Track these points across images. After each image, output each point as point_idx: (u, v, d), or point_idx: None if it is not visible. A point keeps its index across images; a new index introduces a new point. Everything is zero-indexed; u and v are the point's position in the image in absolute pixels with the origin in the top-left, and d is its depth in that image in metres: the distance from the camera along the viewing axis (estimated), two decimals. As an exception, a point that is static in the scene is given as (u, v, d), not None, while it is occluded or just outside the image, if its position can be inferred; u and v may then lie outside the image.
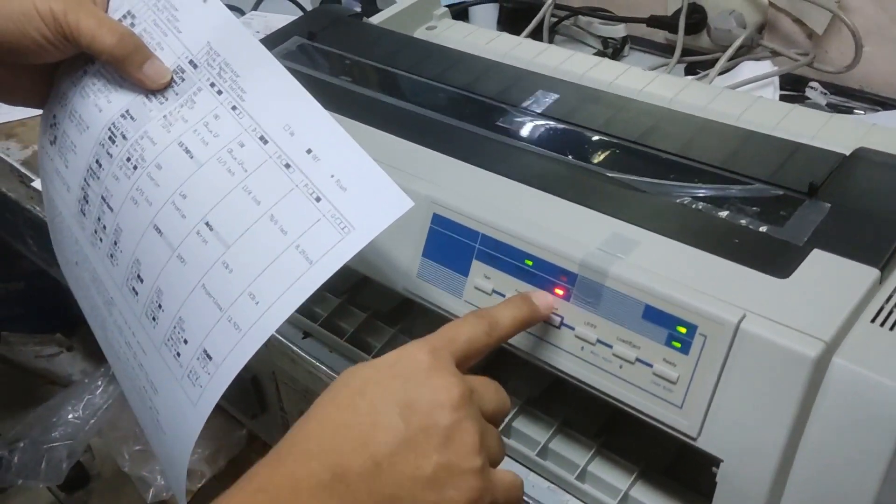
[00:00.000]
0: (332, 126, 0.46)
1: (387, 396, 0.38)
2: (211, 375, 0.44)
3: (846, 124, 0.63)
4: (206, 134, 0.47)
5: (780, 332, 0.41)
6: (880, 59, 0.88)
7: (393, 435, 0.37)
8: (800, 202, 0.50)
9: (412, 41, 0.77)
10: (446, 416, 0.38)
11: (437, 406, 0.38)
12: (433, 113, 0.64)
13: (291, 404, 0.74)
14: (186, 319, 0.46)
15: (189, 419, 0.46)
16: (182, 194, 0.47)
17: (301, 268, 0.43)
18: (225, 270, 0.45)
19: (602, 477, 0.51)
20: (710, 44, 0.96)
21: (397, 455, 0.37)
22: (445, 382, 0.39)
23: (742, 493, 0.42)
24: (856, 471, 0.40)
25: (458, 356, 0.41)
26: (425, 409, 0.38)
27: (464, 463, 0.38)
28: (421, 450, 0.37)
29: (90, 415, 1.28)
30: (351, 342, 0.62)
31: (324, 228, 0.43)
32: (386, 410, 0.38)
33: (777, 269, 0.45)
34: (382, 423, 0.37)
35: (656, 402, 0.44)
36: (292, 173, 0.45)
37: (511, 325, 0.45)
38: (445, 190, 0.53)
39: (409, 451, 0.37)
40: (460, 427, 0.38)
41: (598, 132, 0.60)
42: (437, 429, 0.37)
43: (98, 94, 0.51)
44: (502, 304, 0.46)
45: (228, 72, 0.48)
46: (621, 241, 0.48)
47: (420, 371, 0.39)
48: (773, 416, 0.41)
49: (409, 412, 0.38)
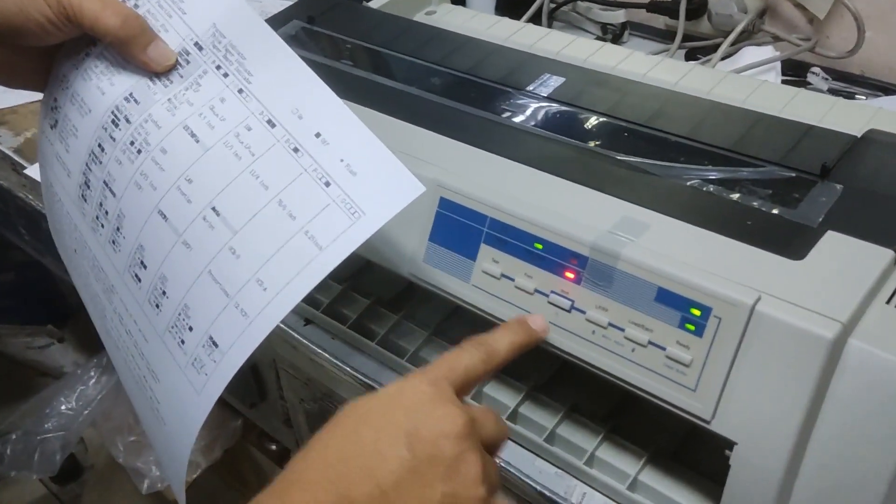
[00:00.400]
0: (342, 110, 0.45)
1: (391, 426, 0.38)
2: (217, 363, 0.43)
3: (852, 108, 0.63)
4: (213, 117, 0.46)
5: (796, 314, 0.40)
6: (882, 44, 0.87)
7: (399, 464, 0.37)
8: (812, 184, 0.50)
9: (414, 25, 0.77)
10: (451, 447, 0.38)
11: (441, 436, 0.38)
12: (438, 97, 0.64)
13: (292, 392, 0.74)
14: (192, 306, 0.45)
15: (193, 408, 0.45)
16: (188, 179, 0.46)
17: (310, 253, 0.42)
18: (232, 256, 0.44)
19: (611, 462, 0.51)
20: (711, 29, 0.95)
21: (403, 484, 0.37)
22: (449, 413, 0.39)
23: (756, 476, 0.42)
24: (871, 452, 0.40)
25: (457, 385, 0.42)
26: (430, 438, 0.38)
27: (468, 492, 0.38)
28: (427, 479, 0.37)
29: (83, 406, 1.27)
30: (354, 329, 0.61)
31: (333, 214, 0.43)
32: (391, 440, 0.38)
33: (791, 250, 0.44)
34: (388, 453, 0.37)
35: (669, 385, 0.44)
36: (301, 157, 0.44)
37: (508, 352, 0.45)
38: (452, 173, 0.53)
39: (414, 480, 0.37)
40: (464, 457, 0.38)
41: (606, 115, 0.59)
42: (443, 459, 0.38)
43: (101, 76, 0.50)
44: (499, 330, 0.46)
45: (235, 54, 0.47)
46: (632, 224, 0.47)
47: (423, 402, 0.39)
48: (789, 398, 0.40)
49: (414, 442, 0.38)
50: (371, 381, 0.59)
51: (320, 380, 0.65)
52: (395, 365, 0.59)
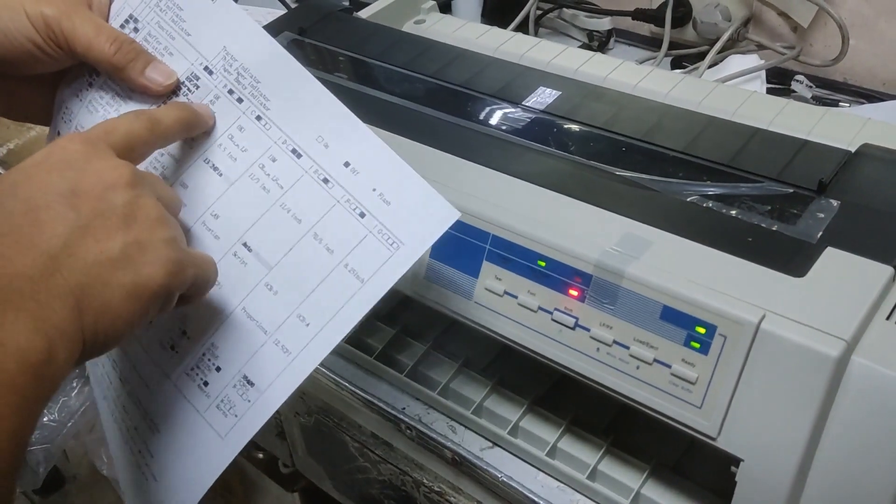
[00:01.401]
0: (368, 136, 0.44)
1: (45, 190, 0.35)
2: (252, 402, 0.42)
3: (841, 119, 0.64)
4: (233, 148, 0.45)
5: (800, 332, 0.41)
6: (865, 52, 0.89)
7: (64, 226, 0.35)
8: (810, 199, 0.50)
9: (406, 37, 0.76)
10: (121, 195, 0.36)
11: (107, 188, 0.36)
12: (434, 111, 0.64)
13: (286, 405, 0.73)
14: (220, 345, 0.43)
15: (211, 455, 0.43)
16: (214, 214, 0.44)
17: (353, 287, 0.41)
18: (269, 292, 0.43)
19: (613, 476, 0.51)
20: (696, 37, 0.96)
21: (74, 244, 0.34)
22: (110, 164, 0.37)
23: (762, 493, 0.42)
24: (876, 467, 0.40)
25: (117, 148, 0.39)
26: (96, 193, 0.36)
27: (153, 236, 0.37)
28: (101, 233, 0.35)
29: (66, 417, 1.25)
30: (351, 343, 0.61)
31: (372, 245, 0.42)
32: (48, 204, 0.35)
33: (793, 267, 0.45)
34: (48, 218, 0.34)
35: (675, 402, 0.44)
36: (332, 188, 0.43)
37: (175, 124, 0.43)
38: (452, 190, 0.52)
39: (86, 237, 0.35)
40: (139, 203, 0.37)
41: (603, 129, 0.60)
42: (115, 209, 0.36)
43: (107, 107, 0.48)
44: (164, 106, 0.44)
45: (248, 77, 0.45)
46: (635, 241, 0.48)
47: (78, 160, 0.37)
48: (795, 415, 0.41)
49: (76, 200, 0.35)
50: (369, 395, 0.59)
51: (316, 394, 0.65)
52: (394, 380, 0.59)
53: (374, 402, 0.58)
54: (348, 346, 0.60)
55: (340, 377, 0.60)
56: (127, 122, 0.40)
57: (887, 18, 0.87)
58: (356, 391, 0.59)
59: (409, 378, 0.58)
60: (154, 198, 0.38)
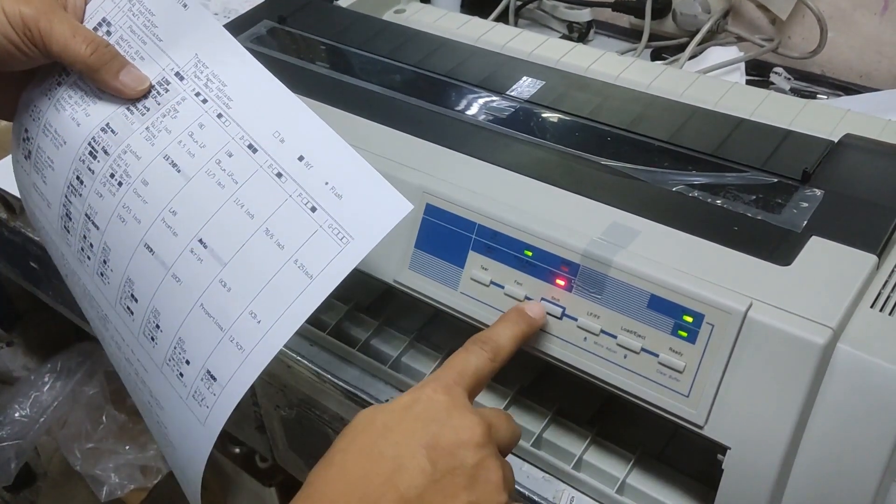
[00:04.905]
0: (324, 130, 0.44)
1: (410, 439, 0.38)
2: (217, 396, 0.43)
3: (821, 111, 0.64)
4: (192, 145, 0.45)
5: (787, 320, 0.41)
6: (843, 44, 0.89)
7: (421, 477, 0.37)
8: (794, 189, 0.51)
9: (388, 26, 0.76)
10: (471, 456, 0.39)
11: (461, 446, 0.39)
12: (418, 100, 0.63)
13: (266, 399, 0.72)
14: (186, 340, 0.44)
15: (198, 438, 0.44)
16: (172, 211, 0.45)
17: (301, 283, 0.42)
18: (223, 289, 0.43)
19: (598, 465, 0.51)
20: (675, 29, 0.96)
21: (427, 496, 0.37)
22: (467, 422, 0.39)
23: (749, 480, 0.43)
24: (861, 454, 0.41)
25: (469, 389, 0.42)
26: (450, 449, 0.38)
27: (491, 499, 0.39)
28: (449, 490, 0.38)
29: (38, 413, 1.23)
30: (333, 335, 0.60)
31: (321, 240, 0.42)
32: (411, 453, 0.38)
33: (778, 256, 0.45)
34: (409, 466, 0.38)
35: (662, 391, 0.44)
36: (285, 183, 0.43)
37: (513, 345, 0.45)
38: (437, 180, 0.52)
39: (437, 491, 0.37)
40: (484, 465, 0.39)
41: (588, 119, 0.59)
42: (464, 468, 0.38)
43: (75, 106, 0.48)
44: (499, 323, 0.46)
45: (216, 82, 0.46)
46: (622, 231, 0.47)
47: (440, 411, 0.40)
48: (781, 403, 0.41)
49: (434, 453, 0.38)
50: (352, 388, 0.58)
51: (298, 387, 0.64)
52: (378, 372, 0.58)
53: (356, 394, 0.58)
54: (331, 338, 0.60)
55: (323, 369, 0.59)
56: (475, 359, 0.43)
57: (863, 12, 0.88)
58: (339, 383, 0.58)
59: (393, 370, 0.58)
60: (498, 461, 0.40)
